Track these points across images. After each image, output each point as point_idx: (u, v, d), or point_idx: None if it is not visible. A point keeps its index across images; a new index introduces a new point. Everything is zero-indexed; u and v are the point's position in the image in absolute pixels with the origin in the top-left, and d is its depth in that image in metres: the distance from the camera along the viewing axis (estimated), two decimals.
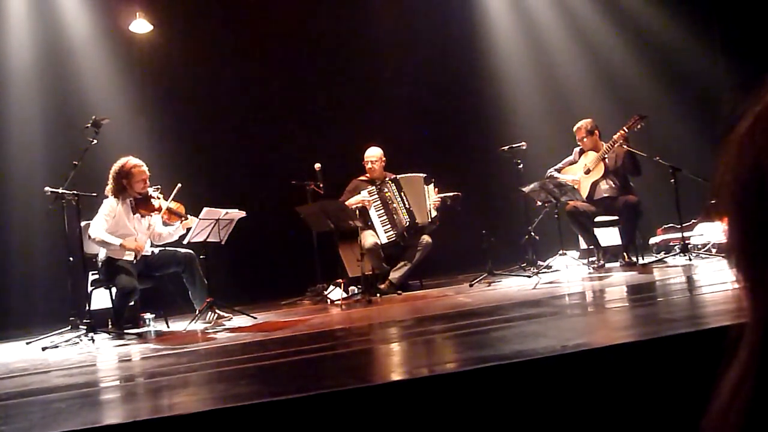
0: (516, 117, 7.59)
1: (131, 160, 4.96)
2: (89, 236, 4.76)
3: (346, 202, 5.73)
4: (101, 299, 5.14)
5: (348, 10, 7.44)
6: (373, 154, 5.99)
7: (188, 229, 4.90)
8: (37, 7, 6.62)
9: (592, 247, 5.77)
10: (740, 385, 0.48)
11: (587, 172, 5.76)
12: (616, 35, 7.51)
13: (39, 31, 6.62)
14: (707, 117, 6.48)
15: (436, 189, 5.88)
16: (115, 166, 4.94)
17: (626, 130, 5.54)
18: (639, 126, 5.54)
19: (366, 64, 7.46)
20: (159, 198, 5.01)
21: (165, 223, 5.10)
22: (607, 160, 5.69)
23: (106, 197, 4.91)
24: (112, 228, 4.83)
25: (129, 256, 4.85)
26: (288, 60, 7.40)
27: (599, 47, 7.59)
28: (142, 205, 4.95)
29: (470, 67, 7.71)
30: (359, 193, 5.90)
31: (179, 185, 4.97)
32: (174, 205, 4.99)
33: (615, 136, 5.57)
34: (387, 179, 5.90)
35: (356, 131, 6.66)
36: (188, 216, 5.00)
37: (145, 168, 4.98)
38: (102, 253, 4.88)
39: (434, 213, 5.82)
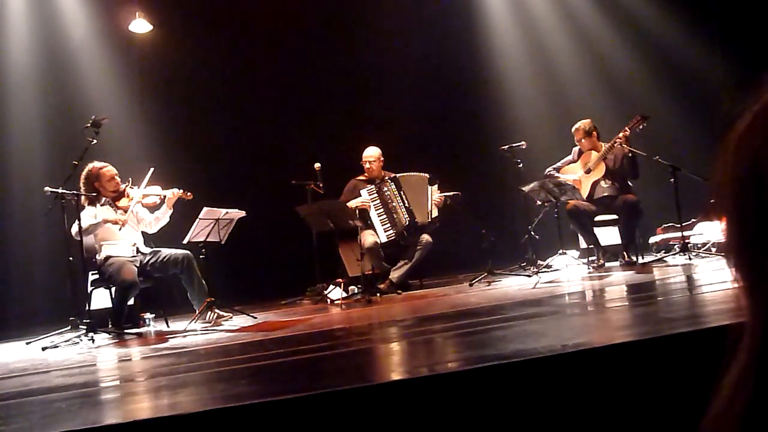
0: (516, 117, 7.58)
1: (96, 164, 5.01)
2: (73, 233, 4.72)
3: (347, 204, 5.72)
4: (101, 299, 5.14)
5: (348, 11, 7.43)
6: (371, 154, 5.98)
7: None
8: (36, 7, 6.62)
9: (592, 246, 5.77)
10: (739, 386, 0.48)
11: (588, 171, 5.75)
12: (616, 36, 7.50)
13: (39, 31, 6.62)
14: (707, 116, 6.48)
15: (439, 190, 5.88)
16: (82, 176, 4.96)
17: (628, 131, 5.54)
18: (641, 126, 5.54)
19: (366, 65, 7.45)
20: (133, 188, 5.04)
21: (150, 210, 5.11)
22: (607, 160, 5.69)
23: (83, 207, 4.88)
24: (98, 228, 4.87)
25: (128, 252, 4.87)
26: (288, 60, 7.39)
27: (599, 47, 7.59)
28: (120, 202, 5.00)
29: (470, 66, 7.71)
30: (358, 192, 5.89)
31: (152, 169, 4.98)
32: (150, 189, 5.01)
33: (617, 137, 5.56)
34: (386, 178, 5.89)
35: (356, 131, 6.66)
36: (166, 191, 5.01)
37: (111, 167, 5.03)
38: (101, 253, 4.88)
39: (435, 213, 5.81)
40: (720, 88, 7.15)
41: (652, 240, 6.34)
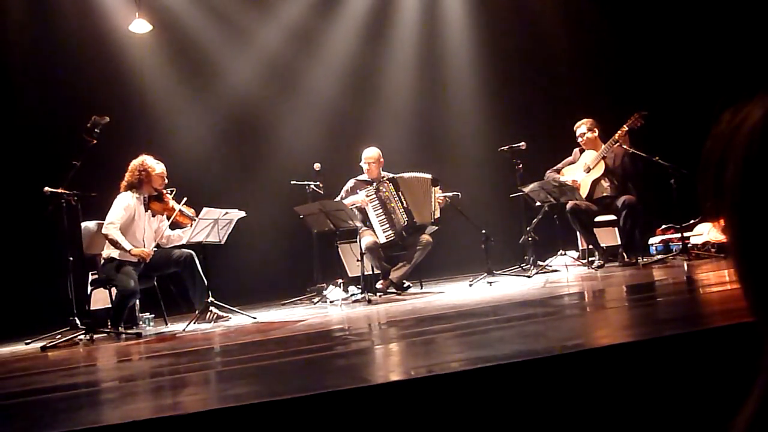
0: (516, 117, 7.58)
1: (150, 159, 5.08)
2: (104, 232, 4.77)
3: (344, 201, 5.72)
4: (101, 299, 5.15)
5: (348, 10, 7.44)
6: (371, 154, 5.96)
7: (201, 217, 4.90)
8: (36, 7, 6.61)
9: (591, 246, 5.77)
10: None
11: (587, 170, 5.75)
12: (617, 35, 7.49)
13: (39, 31, 6.61)
14: (707, 115, 6.46)
15: (441, 190, 5.87)
16: (136, 161, 5.04)
17: (626, 128, 5.54)
18: (639, 123, 5.53)
19: (366, 64, 7.45)
20: (170, 198, 5.06)
21: (174, 226, 5.11)
22: (606, 158, 5.69)
23: (119, 193, 4.96)
24: (125, 222, 4.88)
25: (133, 258, 4.88)
26: (288, 59, 7.40)
27: (600, 46, 7.58)
28: (155, 203, 5.02)
29: (469, 66, 7.71)
30: (356, 192, 5.89)
31: (185, 199, 5.08)
32: (186, 209, 5.04)
33: (616, 135, 5.56)
34: (385, 179, 5.89)
35: (356, 131, 6.66)
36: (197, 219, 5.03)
37: (163, 167, 5.10)
38: (106, 252, 4.89)
39: (438, 214, 5.80)
40: (720, 88, 7.14)
41: (652, 240, 6.34)
